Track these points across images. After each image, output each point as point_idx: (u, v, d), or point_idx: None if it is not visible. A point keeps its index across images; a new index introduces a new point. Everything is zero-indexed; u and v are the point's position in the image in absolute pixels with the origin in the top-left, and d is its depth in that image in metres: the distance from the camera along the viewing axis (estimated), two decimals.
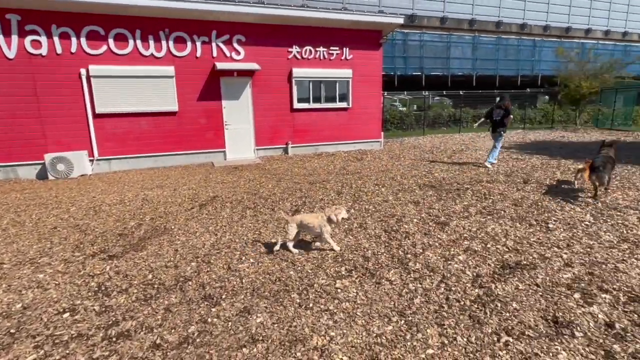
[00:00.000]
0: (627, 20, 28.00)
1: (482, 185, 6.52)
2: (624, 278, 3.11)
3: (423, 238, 4.16)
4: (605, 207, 5.09)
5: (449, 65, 21.66)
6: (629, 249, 3.67)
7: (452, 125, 20.78)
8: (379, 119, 11.99)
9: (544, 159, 9.32)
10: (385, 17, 10.98)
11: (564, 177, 7.08)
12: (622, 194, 5.69)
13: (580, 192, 5.87)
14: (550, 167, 8.18)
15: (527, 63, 23.70)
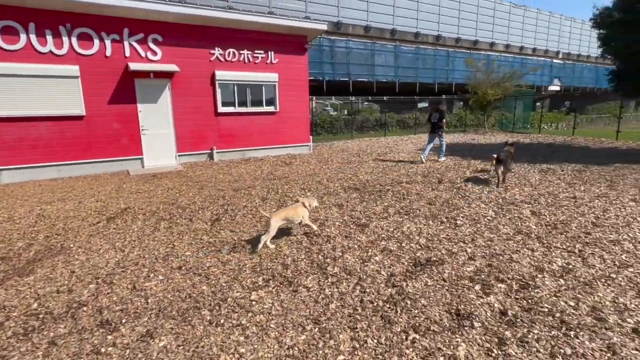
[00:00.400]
0: (523, 37, 31.90)
1: (401, 186, 6.83)
2: (517, 267, 3.42)
3: (344, 241, 4.19)
4: (505, 202, 5.63)
5: (374, 72, 22.66)
6: (522, 240, 4.08)
7: (378, 129, 21.75)
8: (307, 123, 12.06)
9: (457, 159, 10.12)
10: (309, 22, 11.10)
11: (471, 175, 7.73)
12: (519, 190, 6.36)
13: (485, 190, 6.44)
14: (461, 167, 8.89)
15: (443, 72, 25.74)
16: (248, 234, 4.52)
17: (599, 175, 7.44)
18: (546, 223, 4.62)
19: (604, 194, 5.99)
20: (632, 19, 9.64)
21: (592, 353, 2.27)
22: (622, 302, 2.81)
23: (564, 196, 5.89)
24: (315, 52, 20.27)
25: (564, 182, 6.95)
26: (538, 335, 2.44)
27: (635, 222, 4.56)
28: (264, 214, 4.08)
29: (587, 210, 5.12)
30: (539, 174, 7.74)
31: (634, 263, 3.45)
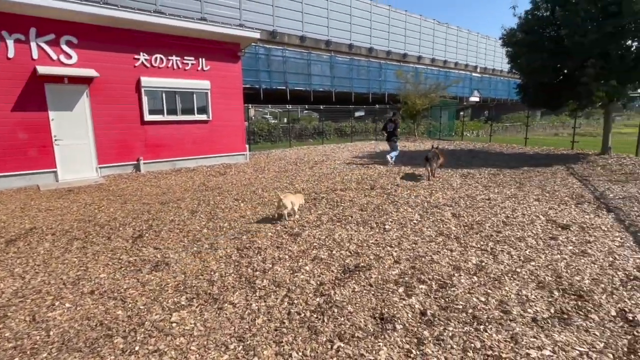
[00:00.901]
0: (446, 52, 34.64)
1: (335, 194, 6.95)
2: (437, 268, 3.63)
3: (275, 252, 4.13)
4: (429, 206, 5.98)
5: (310, 81, 23.00)
6: (442, 241, 4.34)
7: (317, 137, 22.06)
8: (242, 131, 11.82)
9: (389, 166, 10.58)
10: (241, 30, 10.95)
11: (401, 181, 8.13)
12: (442, 194, 6.80)
13: (413, 195, 6.79)
14: (392, 173, 9.31)
15: (376, 82, 26.96)
16: (174, 250, 4.26)
17: (510, 178, 8.25)
18: (464, 224, 4.98)
19: (513, 195, 6.64)
20: (532, 40, 10.93)
21: (498, 344, 2.46)
22: (525, 294, 3.10)
23: (480, 198, 6.41)
24: (251, 60, 20.06)
25: (481, 185, 7.59)
26: (452, 332, 2.59)
27: (538, 220, 5.11)
28: (280, 195, 5.29)
29: (499, 210, 5.62)
30: (460, 178, 8.37)
31: (535, 257, 3.84)
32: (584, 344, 2.45)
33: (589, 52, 9.75)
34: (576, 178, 8.23)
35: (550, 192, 6.80)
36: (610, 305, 2.90)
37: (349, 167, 10.55)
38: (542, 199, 6.28)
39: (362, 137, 23.80)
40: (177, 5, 18.18)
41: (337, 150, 15.64)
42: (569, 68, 10.77)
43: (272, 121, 27.28)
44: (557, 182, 7.73)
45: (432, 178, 8.38)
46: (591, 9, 9.40)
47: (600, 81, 9.75)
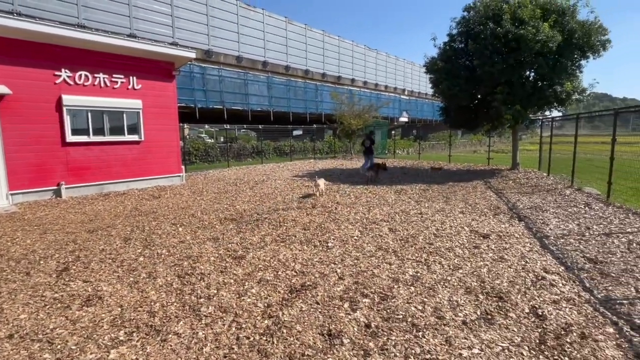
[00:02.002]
0: (377, 75, 36.90)
1: (278, 214, 6.99)
2: (378, 281, 3.84)
3: (219, 277, 4.05)
4: (368, 222, 6.29)
5: (248, 100, 22.97)
6: (382, 256, 4.61)
7: (256, 157, 21.93)
8: (177, 152, 11.39)
9: (328, 184, 10.89)
10: (176, 49, 10.71)
11: (341, 199, 8.43)
12: (379, 210, 7.20)
13: (352, 212, 7.08)
14: (332, 191, 9.60)
15: (313, 103, 27.76)
16: (107, 282, 3.97)
17: (438, 193, 8.99)
18: (400, 238, 5.33)
19: (441, 208, 7.25)
20: (451, 68, 12.21)
21: (435, 348, 2.69)
22: (455, 299, 3.42)
23: (413, 213, 6.91)
24: (186, 78, 19.54)
25: (414, 200, 8.17)
26: (395, 341, 2.77)
27: (463, 231, 5.65)
28: (317, 181, 7.32)
29: (430, 224, 6.11)
30: (394, 195, 8.91)
31: (462, 265, 4.25)
32: (505, 340, 2.78)
33: (497, 80, 11.16)
34: (493, 191, 9.23)
35: (472, 205, 7.54)
36: (524, 304, 3.32)
37: (289, 186, 10.65)
38: (466, 212, 6.95)
39: (301, 156, 24.18)
40: (105, 20, 17.20)
41: (277, 170, 15.70)
42: (482, 93, 12.18)
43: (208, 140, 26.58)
44: (478, 196, 8.60)
45: (372, 184, 10.72)
46: (497, 43, 10.81)
47: (508, 105, 11.16)
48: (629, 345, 2.72)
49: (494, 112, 11.41)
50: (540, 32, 10.21)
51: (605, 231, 5.51)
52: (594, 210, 6.81)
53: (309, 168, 16.45)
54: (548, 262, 4.32)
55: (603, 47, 10.79)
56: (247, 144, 22.91)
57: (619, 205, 7.15)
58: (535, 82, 11.47)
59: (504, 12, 10.97)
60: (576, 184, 9.48)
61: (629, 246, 4.80)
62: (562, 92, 10.88)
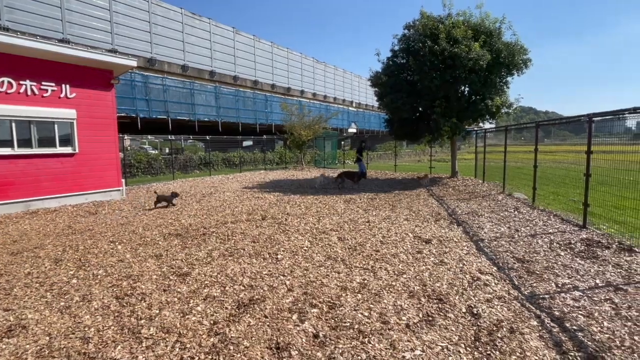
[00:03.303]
0: (325, 87, 37.71)
1: (226, 227, 6.83)
2: (327, 290, 3.90)
3: (162, 296, 3.85)
4: (318, 232, 6.36)
5: (194, 110, 22.29)
6: (331, 265, 4.68)
7: (203, 168, 21.26)
8: (117, 164, 10.72)
9: (279, 195, 10.86)
10: (115, 57, 10.16)
11: (291, 209, 8.44)
12: (329, 220, 7.31)
13: (303, 222, 7.12)
14: (283, 202, 9.59)
15: (262, 113, 27.62)
16: (33, 309, 3.61)
17: (384, 202, 9.33)
18: (349, 246, 5.45)
19: (387, 216, 7.53)
20: (394, 82, 12.85)
21: (380, 353, 2.78)
22: (399, 304, 3.57)
23: (361, 221, 7.10)
24: (126, 87, 18.53)
25: (362, 209, 8.41)
26: (342, 349, 2.83)
27: (407, 237, 5.91)
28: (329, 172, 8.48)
29: (377, 231, 6.32)
30: (343, 204, 9.10)
31: (406, 270, 4.44)
32: (444, 340, 2.95)
33: (436, 94, 11.93)
34: (434, 198, 9.78)
35: (416, 212, 7.93)
36: (462, 304, 3.55)
37: (239, 198, 10.47)
38: (410, 218, 7.29)
39: (251, 167, 23.87)
40: (33, 23, 15.84)
41: (225, 182, 15.36)
42: (423, 106, 12.93)
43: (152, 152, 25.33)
44: (421, 203, 9.06)
45: (340, 188, 12.07)
46: (434, 60, 11.58)
47: (446, 118, 11.95)
48: (549, 335, 3.01)
49: (434, 124, 12.15)
50: (472, 51, 11.12)
51: (531, 232, 6.06)
52: (522, 214, 7.47)
53: (259, 179, 16.28)
54: (483, 263, 4.66)
55: (525, 65, 11.99)
56: (194, 155, 22.18)
57: (542, 208, 7.92)
58: (469, 96, 12.42)
59: (440, 32, 11.82)
60: (507, 190, 10.33)
61: (550, 245, 5.33)
62: (492, 105, 11.88)
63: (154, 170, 18.75)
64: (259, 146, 28.35)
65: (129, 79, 18.58)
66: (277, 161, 26.42)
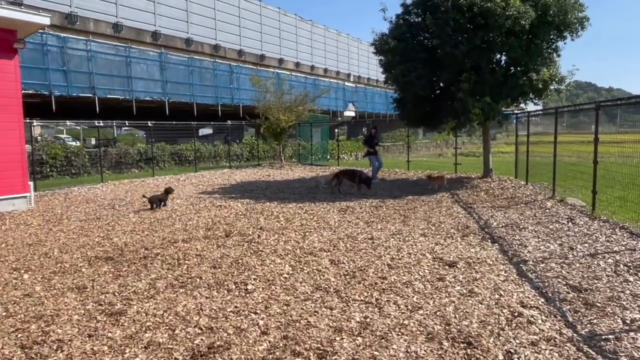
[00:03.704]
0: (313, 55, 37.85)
1: (176, 247, 6.80)
2: (315, 333, 3.90)
3: (86, 344, 3.80)
4: (303, 252, 6.38)
5: (132, 86, 22.13)
6: (320, 298, 4.69)
7: (144, 166, 21.12)
8: (22, 162, 10.58)
9: (249, 203, 10.85)
10: (20, 11, 10.04)
11: (266, 222, 8.44)
12: (317, 236, 7.33)
13: (282, 240, 7.12)
14: (255, 212, 9.58)
15: (226, 90, 27.61)
16: None
17: (394, 211, 9.40)
18: (345, 272, 5.47)
19: (398, 231, 7.59)
20: (405, 47, 12.98)
21: None
22: (414, 350, 3.59)
23: (362, 238, 7.14)
24: (35, 54, 18.28)
25: (363, 221, 8.45)
26: None
27: (424, 259, 5.97)
28: None
29: (383, 251, 6.36)
30: (338, 214, 9.14)
31: (423, 304, 4.48)
32: None
33: (462, 64, 12.08)
34: (461, 206, 9.89)
35: (436, 225, 8.01)
36: (498, 349, 3.59)
37: (194, 207, 10.44)
38: (429, 233, 7.36)
39: (210, 165, 23.83)
40: None
41: (175, 184, 15.28)
42: (445, 81, 13.09)
43: (72, 144, 25.02)
44: (443, 212, 9.15)
45: (335, 192, 12.31)
46: (460, 18, 11.72)
47: (475, 97, 12.11)
48: None
49: (460, 105, 12.30)
50: (511, 6, 11.30)
51: (591, 251, 6.18)
52: (578, 226, 7.61)
53: (222, 181, 16.22)
54: (526, 293, 4.73)
55: (581, 26, 12.24)
56: (132, 148, 22.01)
57: (605, 218, 8.07)
58: (507, 67, 12.62)
59: None
60: (558, 194, 10.52)
61: (615, 268, 5.44)
62: (537, 80, 12.10)
63: (74, 170, 18.55)
64: (221, 135, 28.30)
65: (39, 42, 18.33)
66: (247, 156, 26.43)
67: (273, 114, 22.13)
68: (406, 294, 4.76)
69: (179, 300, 4.69)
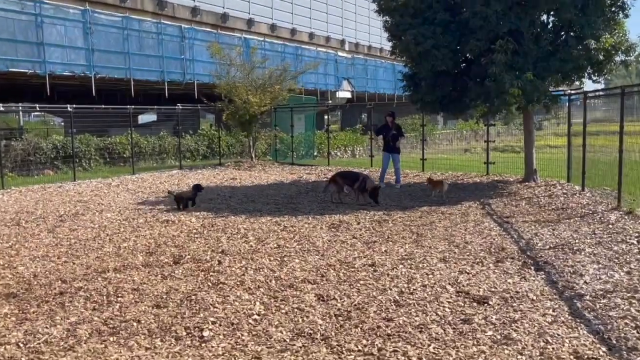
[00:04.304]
0: (294, 14, 37.87)
1: (105, 279, 6.74)
2: None
3: None
4: (280, 285, 6.37)
5: (44, 56, 21.94)
6: (303, 348, 4.66)
7: (62, 167, 20.96)
8: None
9: (207, 217, 10.82)
10: None
11: (230, 243, 8.41)
12: (300, 262, 7.33)
13: (251, 267, 7.10)
14: (215, 229, 9.55)
15: (175, 63, 27.52)
16: None
17: (403, 227, 9.44)
18: (337, 312, 5.47)
19: (409, 254, 7.62)
20: (419, 5, 13.05)
21: None
22: None
23: (360, 264, 7.15)
24: None
25: (361, 241, 8.47)
26: None
27: (445, 293, 5.98)
28: None
29: (389, 282, 6.37)
30: (328, 232, 9.15)
31: (443, 356, 4.49)
32: None
33: (496, 29, 12.16)
34: (494, 220, 9.95)
35: (461, 246, 8.05)
36: None
37: (130, 223, 10.42)
38: (450, 258, 7.39)
39: (154, 164, 23.75)
40: None
41: (105, 191, 15.22)
42: (472, 51, 13.18)
43: None
44: (470, 229, 9.20)
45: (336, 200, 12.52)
46: None
47: (514, 71, 12.18)
48: None
49: (492, 83, 12.37)
50: None
51: None
52: None
53: (170, 187, 16.11)
54: (582, 340, 4.75)
55: None
56: (44, 141, 21.80)
57: None
58: (556, 33, 12.72)
59: None
60: (626, 203, 10.62)
61: None
62: (598, 49, 12.22)
63: None
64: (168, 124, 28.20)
65: None
66: (205, 152, 26.41)
67: (240, 95, 22.11)
68: (420, 341, 4.76)
69: (109, 353, 4.65)
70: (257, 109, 22.37)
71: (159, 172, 21.05)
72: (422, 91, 14.32)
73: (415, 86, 14.65)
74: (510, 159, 21.35)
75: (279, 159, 25.43)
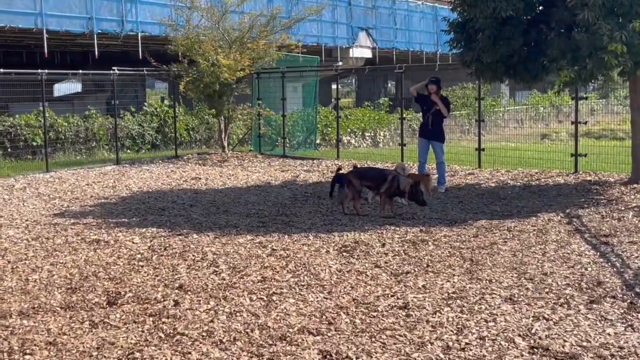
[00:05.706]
0: None
1: (6, 327, 6.73)
2: None
3: None
4: (266, 338, 6.36)
5: None
6: None
7: None
8: None
9: (158, 234, 10.85)
10: None
11: (192, 275, 8.40)
12: (297, 303, 7.32)
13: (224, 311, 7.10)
14: (169, 253, 9.56)
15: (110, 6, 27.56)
16: None
17: (450, 251, 9.43)
18: None
19: (459, 291, 7.61)
20: None
21: None
22: None
23: (386, 306, 7.14)
24: None
25: (387, 271, 8.46)
26: None
27: (513, 348, 5.96)
28: None
29: (429, 333, 6.35)
30: (337, 258, 9.14)
31: None
32: None
33: None
34: (586, 241, 9.92)
35: (537, 279, 8.03)
36: None
37: (42, 245, 10.44)
38: (520, 297, 7.38)
39: (78, 156, 23.75)
40: None
41: (5, 197, 15.28)
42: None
43: None
44: (549, 254, 9.18)
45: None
46: None
47: (618, 19, 12.15)
48: None
49: (584, 35, 12.35)
50: None
51: None
52: None
53: (101, 190, 16.18)
54: None
55: None
56: None
57: None
58: None
59: None
60: None
61: None
62: None
63: None
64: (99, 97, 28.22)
65: None
66: (154, 139, 26.42)
67: (206, 55, 22.12)
68: None
69: None
70: (231, 75, 22.28)
71: (85, 168, 21.06)
72: (479, 47, 14.28)
73: (468, 40, 14.63)
74: (609, 150, 21.29)
75: (263, 150, 25.38)
